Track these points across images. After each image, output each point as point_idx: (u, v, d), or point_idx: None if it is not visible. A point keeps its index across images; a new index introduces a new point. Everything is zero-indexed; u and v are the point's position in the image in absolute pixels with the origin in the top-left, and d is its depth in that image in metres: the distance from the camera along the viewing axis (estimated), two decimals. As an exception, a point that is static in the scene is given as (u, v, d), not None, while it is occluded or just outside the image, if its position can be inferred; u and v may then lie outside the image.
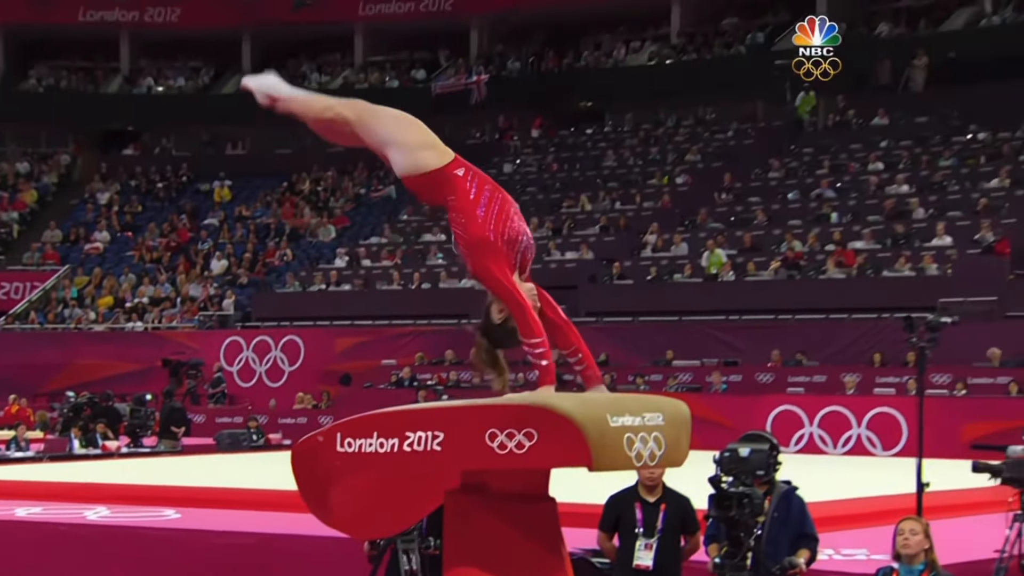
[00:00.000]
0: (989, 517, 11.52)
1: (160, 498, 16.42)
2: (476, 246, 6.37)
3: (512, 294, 6.29)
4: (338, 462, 6.26)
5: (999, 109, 31.51)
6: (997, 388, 23.78)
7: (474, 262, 6.38)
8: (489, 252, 6.35)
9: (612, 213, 33.14)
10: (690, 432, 6.24)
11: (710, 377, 26.23)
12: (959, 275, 26.41)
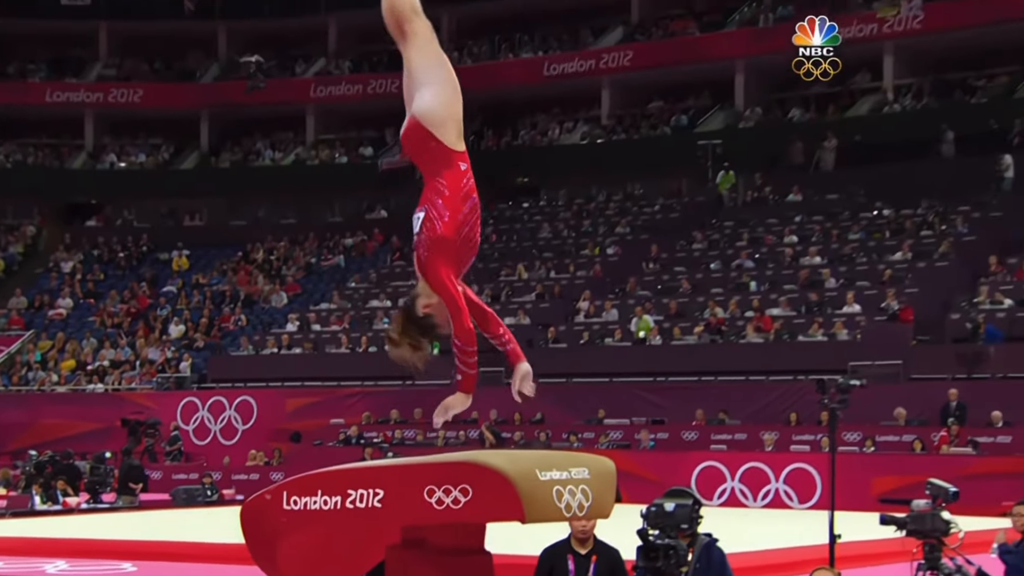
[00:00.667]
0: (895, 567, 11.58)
1: (118, 552, 16.24)
2: (439, 241, 6.31)
3: (455, 299, 6.24)
4: (284, 519, 6.23)
5: (901, 188, 31.86)
6: (903, 445, 23.92)
7: (429, 257, 6.32)
8: (445, 252, 6.29)
9: (547, 281, 33.20)
10: (615, 485, 6.24)
11: (639, 435, 26.23)
12: (867, 340, 26.59)
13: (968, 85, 35.07)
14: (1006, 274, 27.91)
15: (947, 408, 24.09)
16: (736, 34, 37.20)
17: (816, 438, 24.21)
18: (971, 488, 16.70)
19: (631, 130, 38.71)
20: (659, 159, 36.43)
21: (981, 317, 26.23)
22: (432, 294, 6.30)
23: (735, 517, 21.43)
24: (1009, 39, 33.70)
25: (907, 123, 34.21)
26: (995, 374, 25.16)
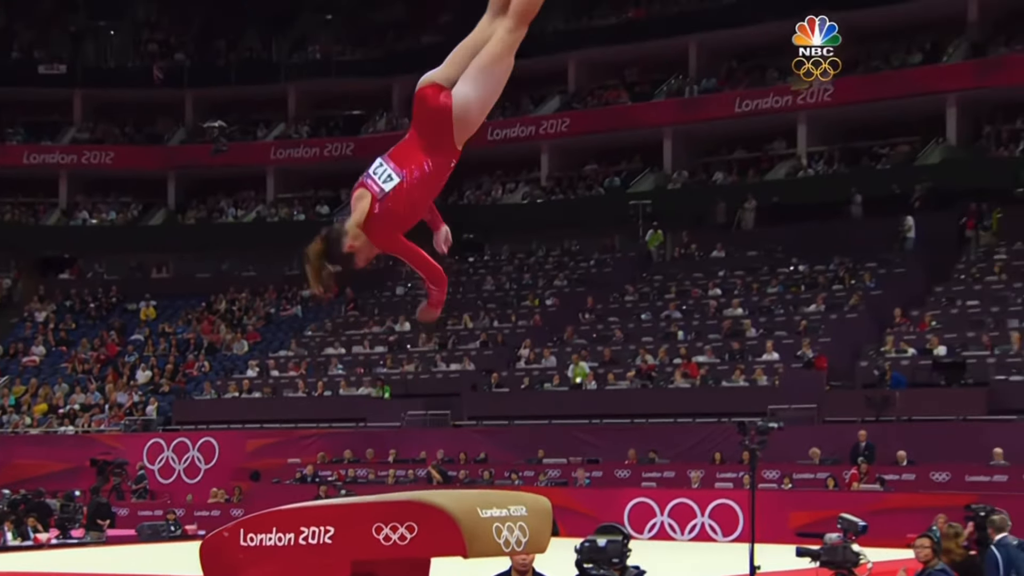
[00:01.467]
0: (811, 595, 11.59)
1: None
2: (397, 216, 6.30)
3: (421, 255, 6.36)
4: (241, 555, 6.16)
5: (815, 245, 32.15)
6: (817, 482, 24.04)
7: (390, 229, 6.31)
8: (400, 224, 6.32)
9: (491, 330, 33.20)
10: (551, 522, 6.21)
11: (575, 473, 26.21)
12: (784, 386, 26.73)
13: (874, 153, 35.49)
14: (910, 325, 28.17)
15: (857, 448, 24.23)
16: (664, 104, 37.52)
17: (738, 476, 24.26)
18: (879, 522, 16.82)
19: (568, 191, 38.88)
20: (594, 218, 36.59)
21: (887, 365, 26.43)
22: (360, 236, 6.27)
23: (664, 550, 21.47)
24: (910, 112, 34.22)
25: (820, 186, 34.58)
26: (900, 417, 25.31)
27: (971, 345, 26.60)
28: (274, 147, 42.21)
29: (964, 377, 25.40)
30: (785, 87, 35.30)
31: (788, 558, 11.91)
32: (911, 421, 25.18)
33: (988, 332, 26.77)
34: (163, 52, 44.42)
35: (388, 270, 38.83)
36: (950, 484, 22.88)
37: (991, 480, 22.77)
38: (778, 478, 24.20)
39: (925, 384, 25.74)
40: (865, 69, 35.20)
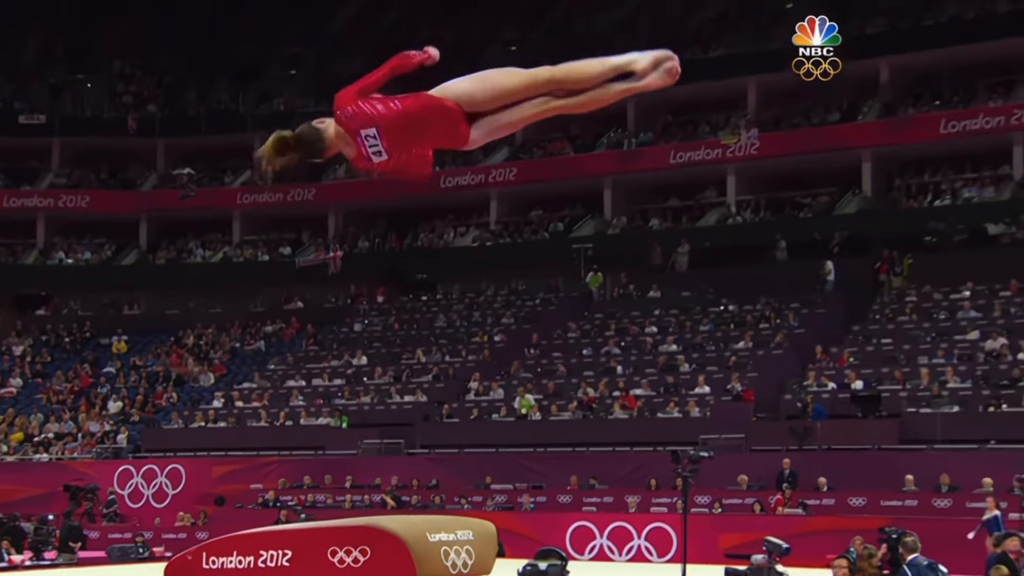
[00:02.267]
0: (738, 613, 11.59)
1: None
2: None
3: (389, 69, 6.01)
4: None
5: (743, 287, 32.35)
6: (745, 507, 24.10)
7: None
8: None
9: (443, 364, 33.13)
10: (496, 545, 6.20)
11: (521, 498, 26.17)
12: (715, 417, 26.82)
13: (796, 202, 35.78)
14: (829, 361, 28.36)
15: (781, 475, 24.32)
16: (605, 155, 37.73)
17: (672, 501, 24.29)
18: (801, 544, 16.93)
19: (515, 234, 38.95)
20: (539, 260, 36.67)
21: (809, 398, 26.59)
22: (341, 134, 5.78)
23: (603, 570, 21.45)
24: (829, 166, 34.57)
25: (747, 232, 34.85)
26: (821, 446, 25.44)
27: (885, 380, 26.81)
28: (240, 192, 42.04)
29: (879, 409, 25.59)
30: (716, 141, 35.65)
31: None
32: (831, 450, 25.29)
33: (900, 368, 26.99)
34: (137, 103, 44.25)
35: (347, 308, 38.74)
36: (866, 508, 23.02)
37: (903, 505, 22.93)
38: (709, 503, 24.24)
39: (843, 416, 25.88)
40: (788, 126, 35.61)
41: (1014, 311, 28.39)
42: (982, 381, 25.76)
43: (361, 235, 41.49)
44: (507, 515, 24.97)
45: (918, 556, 12.39)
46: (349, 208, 41.65)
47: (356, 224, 41.94)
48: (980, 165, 33.87)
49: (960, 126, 32.90)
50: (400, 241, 40.87)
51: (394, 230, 41.13)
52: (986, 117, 32.72)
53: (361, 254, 40.48)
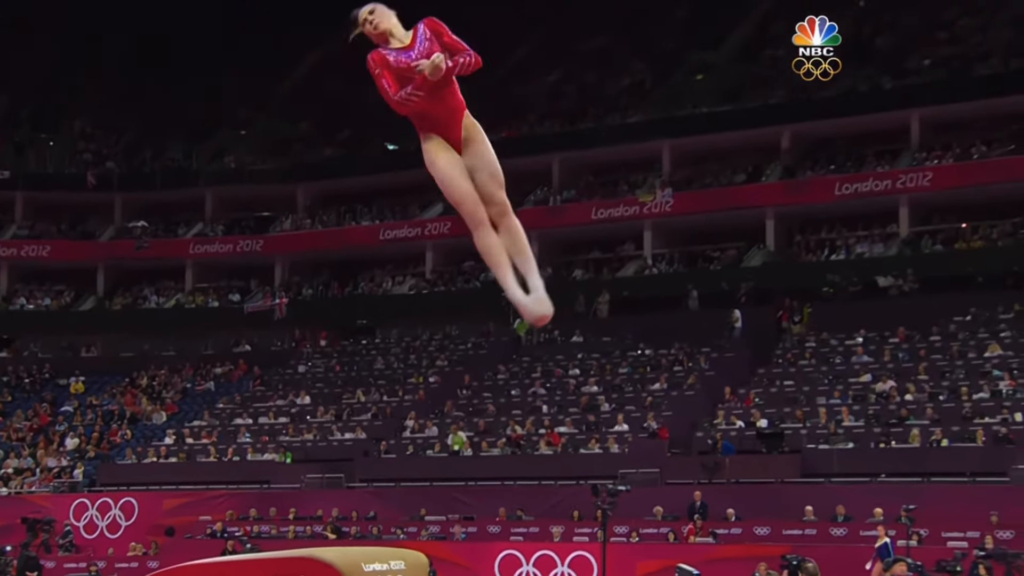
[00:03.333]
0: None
1: (14, 631, 15.40)
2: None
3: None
4: (152, 605, 6.01)
5: (659, 333, 32.53)
6: (660, 536, 24.07)
7: None
8: None
9: (381, 403, 32.94)
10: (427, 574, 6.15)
11: (453, 529, 25.97)
12: (632, 453, 26.85)
13: (707, 255, 36.14)
14: (737, 402, 28.54)
15: (693, 506, 24.36)
16: (531, 211, 37.74)
17: (593, 531, 24.20)
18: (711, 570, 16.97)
19: (449, 283, 38.95)
20: (471, 307, 36.64)
21: (719, 435, 26.73)
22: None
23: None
24: (736, 222, 34.98)
25: (662, 283, 35.11)
26: (729, 480, 25.54)
27: (787, 419, 27.01)
28: (193, 243, 41.73)
29: (781, 446, 25.76)
30: (633, 199, 35.95)
31: (633, 602, 11.91)
32: (738, 483, 25.39)
33: (801, 408, 27.22)
34: (96, 160, 43.86)
35: (291, 351, 38.44)
36: (770, 537, 23.10)
37: (803, 534, 23.04)
38: (627, 532, 24.21)
39: (750, 451, 26.04)
40: (699, 185, 36.00)
41: (901, 356, 28.79)
42: (873, 420, 26.05)
43: (305, 283, 41.29)
44: (440, 544, 24.81)
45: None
46: (295, 258, 41.48)
47: (301, 273, 41.75)
48: (870, 223, 34.44)
49: (853, 188, 33.49)
50: (342, 289, 40.70)
51: (336, 279, 40.99)
52: (875, 180, 33.34)
53: (305, 301, 40.25)
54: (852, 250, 34.06)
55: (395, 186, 40.38)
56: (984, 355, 27.84)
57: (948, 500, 22.78)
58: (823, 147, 35.59)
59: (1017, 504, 22.28)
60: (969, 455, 24.09)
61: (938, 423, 25.13)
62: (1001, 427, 24.36)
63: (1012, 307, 29.77)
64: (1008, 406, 25.08)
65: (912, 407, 26.02)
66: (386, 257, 40.63)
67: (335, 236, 40.21)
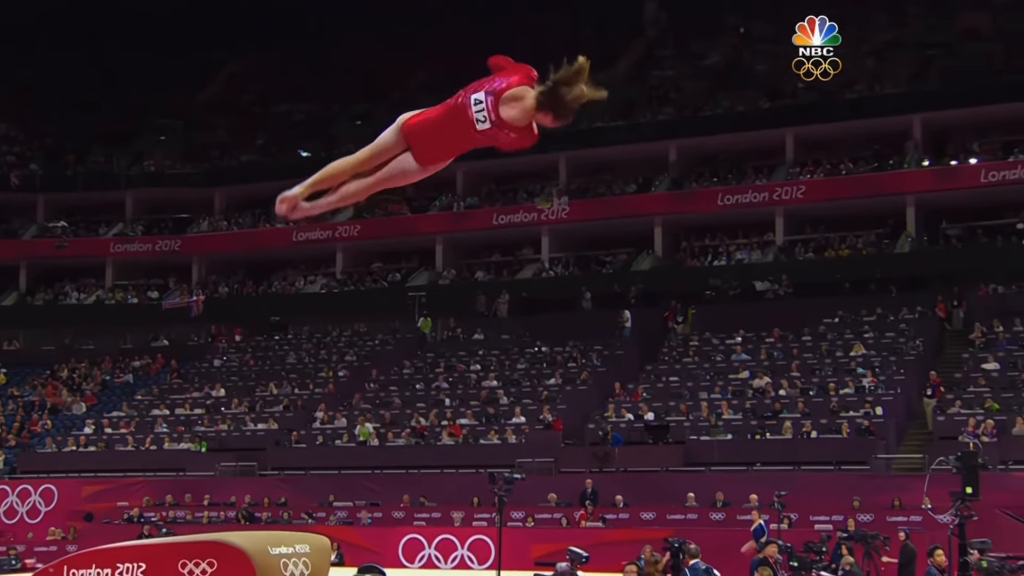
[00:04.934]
0: (544, 613, 11.60)
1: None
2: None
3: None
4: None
5: (554, 332, 32.67)
6: (554, 521, 24.18)
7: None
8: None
9: (292, 396, 32.56)
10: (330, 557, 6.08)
11: (359, 514, 25.78)
12: (529, 443, 26.91)
13: (600, 260, 36.37)
14: (626, 396, 28.74)
15: (585, 493, 24.49)
16: (437, 216, 37.81)
17: (491, 516, 24.21)
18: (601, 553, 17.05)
19: (358, 283, 38.66)
20: (379, 305, 36.45)
21: (609, 427, 26.89)
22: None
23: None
24: (627, 229, 35.29)
25: (558, 285, 35.26)
26: (618, 468, 25.72)
27: (672, 412, 27.29)
28: (113, 242, 40.84)
29: (667, 437, 26.00)
30: (532, 206, 36.04)
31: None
32: (626, 472, 25.57)
33: (685, 402, 27.53)
34: (20, 162, 42.68)
35: (208, 346, 37.83)
36: (655, 522, 23.31)
37: (685, 518, 23.30)
38: (523, 518, 24.26)
39: (637, 442, 26.23)
40: (594, 195, 36.24)
41: (776, 354, 29.28)
42: (750, 413, 26.44)
43: (221, 282, 40.68)
44: (347, 529, 24.62)
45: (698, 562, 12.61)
46: (211, 258, 40.85)
47: (217, 272, 41.13)
48: (749, 232, 34.99)
49: (733, 199, 33.99)
50: (256, 288, 40.18)
51: (251, 278, 40.46)
52: (754, 193, 33.88)
53: (221, 298, 39.66)
54: (733, 256, 34.56)
55: (308, 191, 40.04)
56: (849, 354, 28.44)
57: (816, 487, 23.21)
58: (707, 161, 36.09)
59: (877, 490, 22.80)
60: (835, 446, 24.57)
61: (808, 416, 25.60)
62: (864, 420, 24.91)
63: (875, 310, 30.49)
64: (870, 401, 25.65)
65: (785, 401, 26.47)
66: (298, 258, 40.22)
67: (250, 238, 39.70)
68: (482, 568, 23.04)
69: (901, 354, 28.01)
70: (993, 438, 23.22)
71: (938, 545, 14.11)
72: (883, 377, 26.77)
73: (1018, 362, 26.72)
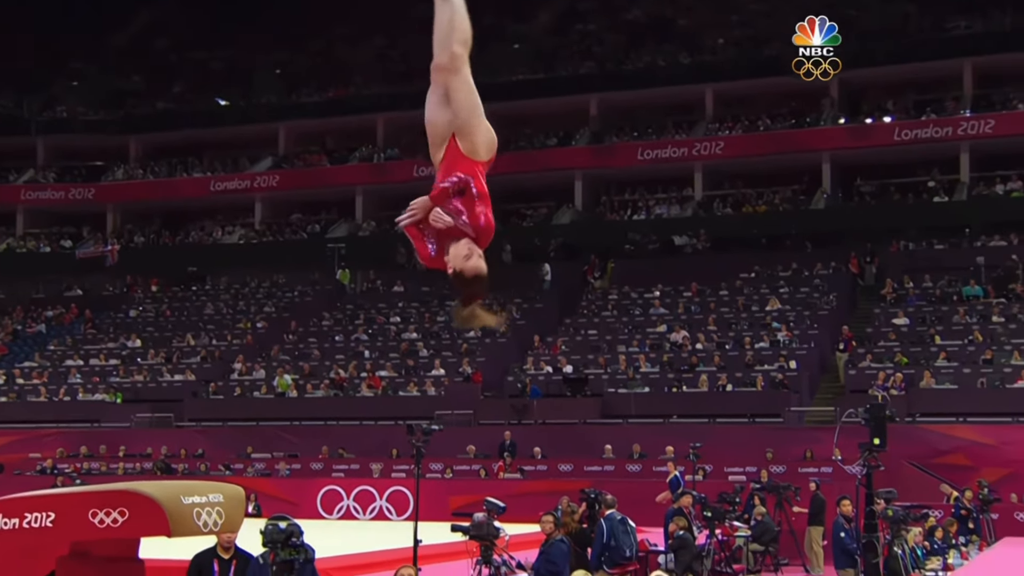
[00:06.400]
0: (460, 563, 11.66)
1: None
2: (487, 230, 5.18)
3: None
4: (-29, 538, 5.67)
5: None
6: (472, 473, 24.27)
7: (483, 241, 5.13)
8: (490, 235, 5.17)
9: (210, 347, 32.18)
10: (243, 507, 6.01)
11: (278, 466, 25.61)
12: (448, 396, 26.95)
13: (520, 213, 36.38)
14: (545, 349, 28.89)
15: (503, 445, 24.59)
16: (357, 168, 37.47)
17: (410, 468, 24.20)
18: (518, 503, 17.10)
19: (277, 234, 38.24)
20: (298, 257, 36.09)
21: (528, 380, 27.01)
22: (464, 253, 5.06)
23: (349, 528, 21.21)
24: (548, 183, 35.35)
25: (479, 237, 35.14)
26: (537, 421, 25.89)
27: (590, 365, 27.49)
28: (24, 190, 39.82)
29: (585, 390, 26.19)
30: (453, 159, 35.79)
31: (445, 533, 11.97)
32: (545, 424, 25.74)
33: (603, 355, 27.74)
34: (-74, 106, 41.37)
35: (123, 296, 37.17)
36: (573, 473, 23.49)
37: (603, 470, 23.52)
38: (441, 469, 24.31)
39: (556, 395, 26.39)
40: (514, 147, 36.07)
41: (693, 309, 29.61)
42: (667, 367, 26.74)
43: (137, 232, 39.96)
44: (265, 480, 24.47)
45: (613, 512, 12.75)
46: (126, 207, 40.08)
47: (133, 221, 40.38)
48: (668, 187, 35.24)
49: (653, 154, 34.17)
50: (173, 238, 39.54)
51: (168, 228, 39.81)
52: (673, 148, 34.08)
53: (137, 248, 38.96)
54: (652, 211, 34.78)
55: (226, 140, 39.42)
56: (765, 308, 28.86)
57: (731, 439, 23.57)
58: (628, 116, 36.18)
59: (789, 442, 23.24)
60: (749, 399, 24.98)
61: (724, 370, 25.96)
62: (778, 373, 25.34)
63: (790, 266, 30.95)
64: (784, 355, 26.09)
65: (702, 355, 26.81)
66: (216, 208, 39.61)
67: (166, 187, 38.98)
68: (401, 519, 23.06)
69: (815, 309, 28.50)
70: (901, 391, 23.78)
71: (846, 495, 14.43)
72: (797, 331, 27.23)
73: (927, 317, 27.35)
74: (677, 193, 35.02)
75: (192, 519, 5.42)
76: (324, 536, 13.63)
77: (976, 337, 25.81)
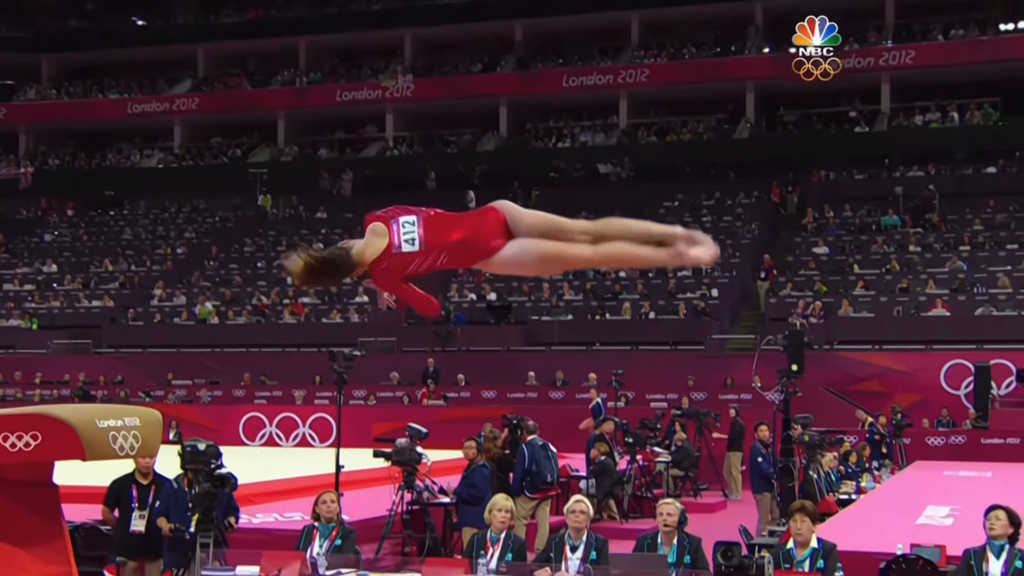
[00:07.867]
0: (383, 488, 11.71)
1: None
2: (407, 272, 4.89)
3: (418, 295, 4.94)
4: None
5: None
6: (396, 400, 24.35)
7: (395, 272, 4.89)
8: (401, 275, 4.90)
9: (129, 273, 31.67)
10: (161, 430, 5.91)
11: (199, 392, 25.45)
12: (372, 322, 26.90)
13: (445, 139, 36.17)
14: (469, 276, 28.67)
15: (427, 372, 24.68)
16: (279, 91, 36.86)
17: (333, 395, 24.16)
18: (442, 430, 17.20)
19: (198, 158, 37.58)
20: (219, 182, 35.53)
21: (452, 307, 27.02)
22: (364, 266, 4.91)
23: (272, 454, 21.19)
24: (472, 109, 35.15)
25: (402, 164, 34.94)
26: (460, 348, 25.98)
27: (515, 293, 27.59)
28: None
29: (508, 317, 26.32)
30: (377, 83, 35.42)
31: (368, 459, 12.00)
32: (469, 351, 25.82)
33: (527, 282, 27.78)
34: None
35: (38, 220, 36.34)
36: (496, 400, 23.65)
37: (526, 397, 23.70)
38: (364, 396, 24.33)
39: (479, 322, 26.50)
40: (439, 73, 35.81)
41: (618, 237, 29.69)
42: (591, 294, 26.92)
43: (52, 154, 38.97)
44: (186, 407, 24.30)
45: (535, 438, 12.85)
46: (40, 128, 39.05)
47: (47, 143, 39.36)
48: (594, 115, 35.21)
49: (579, 81, 34.06)
50: (89, 161, 38.63)
51: (83, 151, 38.88)
52: (599, 75, 34.00)
53: (52, 171, 38.05)
54: (576, 139, 34.75)
55: (143, 61, 38.44)
56: (688, 237, 29.06)
57: (652, 366, 23.89)
58: (553, 42, 35.95)
59: (710, 369, 23.62)
60: (672, 326, 25.28)
61: (647, 297, 26.20)
62: (700, 302, 25.65)
63: (713, 194, 31.20)
64: (707, 283, 26.40)
65: (625, 283, 27.01)
66: (134, 131, 38.76)
67: (81, 108, 37.99)
68: (324, 445, 23.08)
69: (737, 237, 28.81)
70: (820, 319, 24.22)
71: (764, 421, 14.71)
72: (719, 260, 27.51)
73: (846, 246, 27.80)
74: (602, 121, 35.01)
75: (108, 442, 5.33)
76: (246, 462, 13.61)
77: (893, 266, 26.32)
